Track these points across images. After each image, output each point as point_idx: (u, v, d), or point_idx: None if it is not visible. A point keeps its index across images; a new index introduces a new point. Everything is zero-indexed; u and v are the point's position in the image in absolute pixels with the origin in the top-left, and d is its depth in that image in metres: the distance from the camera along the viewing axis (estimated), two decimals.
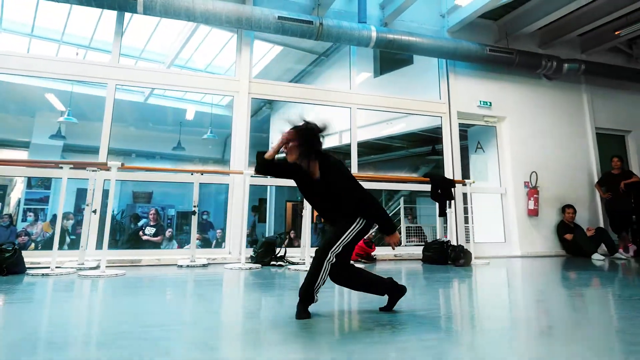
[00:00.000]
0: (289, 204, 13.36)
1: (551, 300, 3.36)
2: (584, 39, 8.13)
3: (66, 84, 9.11)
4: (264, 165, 2.57)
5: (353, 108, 6.52)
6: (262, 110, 10.83)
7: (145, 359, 1.72)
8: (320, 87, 7.46)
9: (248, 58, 6.03)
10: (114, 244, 9.53)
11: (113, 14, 5.79)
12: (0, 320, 2.50)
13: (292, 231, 10.49)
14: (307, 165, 2.52)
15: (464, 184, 6.12)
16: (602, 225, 7.50)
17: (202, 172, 5.53)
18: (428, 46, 6.35)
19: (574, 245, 6.97)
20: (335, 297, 3.25)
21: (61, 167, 4.56)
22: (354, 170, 6.49)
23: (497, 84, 7.41)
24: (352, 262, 5.12)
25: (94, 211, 5.03)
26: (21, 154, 10.28)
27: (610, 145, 8.16)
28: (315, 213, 2.54)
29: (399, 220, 8.93)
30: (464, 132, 7.80)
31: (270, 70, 8.89)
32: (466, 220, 6.91)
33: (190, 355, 1.81)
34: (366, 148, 10.33)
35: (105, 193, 5.39)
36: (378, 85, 8.27)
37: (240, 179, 5.74)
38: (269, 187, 11.29)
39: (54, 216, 9.93)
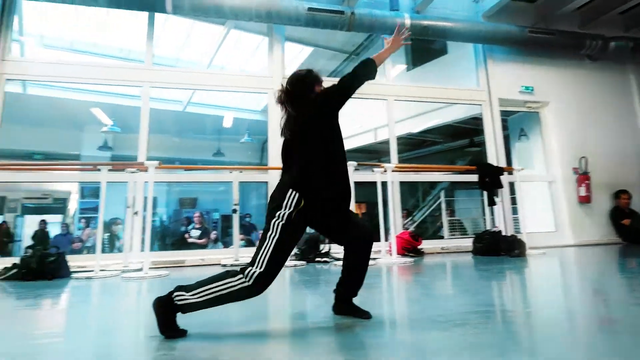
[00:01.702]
0: None
1: None
2: (625, 17, 7.28)
3: (110, 97, 9.02)
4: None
5: (390, 100, 5.99)
6: None
7: None
8: None
9: (280, 55, 5.63)
10: (163, 247, 9.38)
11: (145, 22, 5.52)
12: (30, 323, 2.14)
13: None
14: None
15: (511, 172, 5.48)
16: None
17: (240, 170, 5.13)
18: (465, 31, 5.77)
19: (633, 231, 6.15)
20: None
21: (99, 170, 4.27)
22: (394, 163, 5.93)
23: (538, 68, 6.69)
24: (398, 255, 4.60)
25: (136, 213, 4.70)
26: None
27: None
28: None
29: (440, 214, 8.26)
30: (504, 122, 7.11)
31: None
32: (514, 211, 6.22)
33: None
34: (401, 145, 9.76)
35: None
36: (412, 78, 7.71)
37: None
38: None
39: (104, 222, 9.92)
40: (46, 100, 8.69)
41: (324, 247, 5.09)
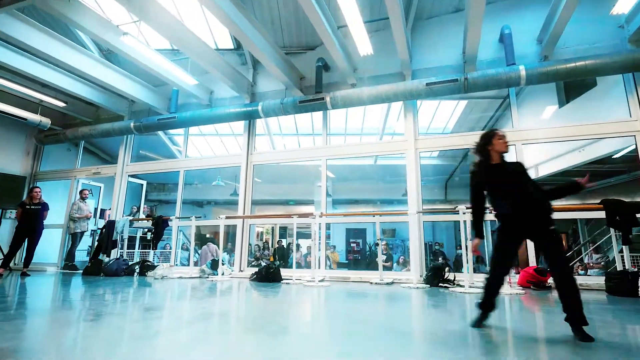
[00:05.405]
0: None
1: None
2: None
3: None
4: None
5: (517, 145, 5.94)
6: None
7: None
8: (477, 132, 7.15)
9: (412, 121, 6.55)
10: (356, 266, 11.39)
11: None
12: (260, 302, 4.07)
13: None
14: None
15: None
16: None
17: (380, 214, 6.29)
18: (594, 66, 5.23)
19: None
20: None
21: (292, 217, 6.31)
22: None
23: None
24: (519, 287, 4.66)
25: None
26: (310, 208, 13.45)
27: None
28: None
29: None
30: None
31: (462, 123, 8.86)
32: None
33: None
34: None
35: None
36: (564, 115, 7.00)
37: (414, 218, 6.19)
38: None
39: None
40: (293, 167, 12.08)
41: (448, 275, 5.58)
